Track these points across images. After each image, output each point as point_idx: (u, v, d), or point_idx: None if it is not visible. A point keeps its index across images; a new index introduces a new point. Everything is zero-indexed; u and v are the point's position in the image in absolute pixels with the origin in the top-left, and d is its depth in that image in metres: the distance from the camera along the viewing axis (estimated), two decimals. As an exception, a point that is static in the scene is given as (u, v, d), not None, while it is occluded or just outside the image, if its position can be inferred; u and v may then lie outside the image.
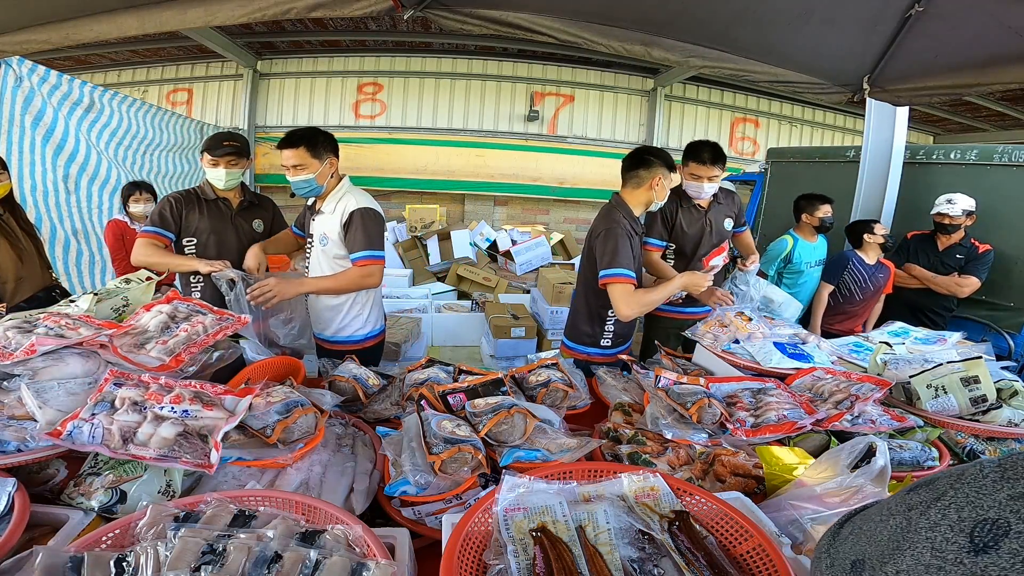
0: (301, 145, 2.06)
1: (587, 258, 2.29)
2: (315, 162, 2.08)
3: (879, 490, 0.99)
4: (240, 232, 2.34)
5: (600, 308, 2.29)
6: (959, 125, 7.85)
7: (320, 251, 2.19)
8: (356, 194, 2.17)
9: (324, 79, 7.01)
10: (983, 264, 3.12)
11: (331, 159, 2.13)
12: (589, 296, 2.30)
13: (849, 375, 1.64)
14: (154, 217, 2.24)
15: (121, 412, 1.05)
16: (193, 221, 2.25)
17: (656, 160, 2.25)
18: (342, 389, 1.55)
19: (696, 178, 2.51)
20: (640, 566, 0.83)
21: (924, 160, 3.75)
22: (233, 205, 2.35)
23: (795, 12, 2.06)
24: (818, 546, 0.60)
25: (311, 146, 2.07)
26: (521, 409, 1.27)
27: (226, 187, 2.29)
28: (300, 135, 2.09)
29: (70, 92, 3.71)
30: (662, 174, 2.22)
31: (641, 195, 2.25)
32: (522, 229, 6.54)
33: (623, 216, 2.21)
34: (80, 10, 1.98)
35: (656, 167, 2.23)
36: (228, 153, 2.22)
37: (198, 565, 0.72)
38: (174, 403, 1.07)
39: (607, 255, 2.10)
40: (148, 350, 1.33)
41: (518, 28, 2.06)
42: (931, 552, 0.41)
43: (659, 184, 2.22)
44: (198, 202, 2.28)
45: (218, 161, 2.22)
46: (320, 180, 2.11)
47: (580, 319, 2.37)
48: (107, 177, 4.09)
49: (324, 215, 2.17)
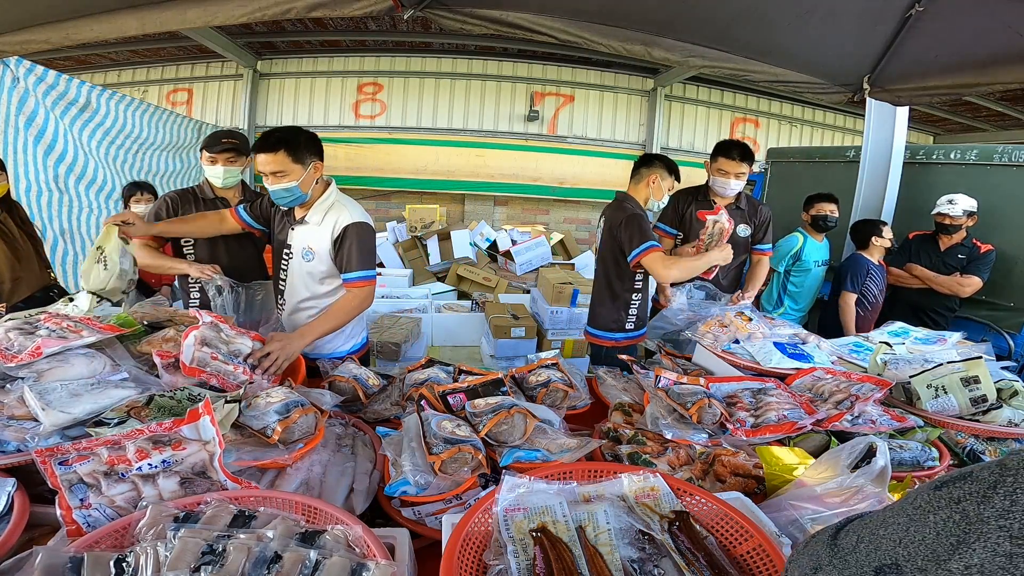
0: (280, 149, 1.79)
1: (608, 248, 2.43)
2: (297, 168, 1.82)
3: (879, 490, 0.99)
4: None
5: (625, 292, 2.44)
6: (959, 125, 7.85)
7: (300, 265, 1.98)
8: (348, 204, 1.96)
9: (324, 79, 7.00)
10: (985, 264, 3.12)
11: (315, 163, 1.87)
12: (613, 283, 2.45)
13: (849, 375, 1.64)
14: (149, 218, 2.19)
15: (106, 487, 0.93)
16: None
17: (657, 161, 2.42)
18: (342, 389, 1.55)
19: (724, 174, 2.61)
20: (640, 566, 0.83)
21: (924, 160, 3.75)
22: (231, 204, 2.30)
23: (795, 12, 2.06)
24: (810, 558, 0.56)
25: (292, 149, 1.80)
26: (521, 409, 1.27)
27: (224, 185, 2.25)
28: (278, 136, 1.82)
29: (66, 92, 3.72)
30: (660, 174, 2.38)
31: (641, 191, 2.41)
32: (522, 229, 6.53)
33: (635, 205, 2.38)
34: (80, 10, 1.98)
35: (655, 167, 2.39)
36: (226, 150, 2.19)
37: (198, 565, 0.72)
38: (141, 459, 0.94)
39: (635, 236, 2.24)
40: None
41: (518, 28, 2.06)
42: (1010, 541, 0.38)
43: (655, 182, 2.38)
44: (195, 202, 2.25)
45: (216, 158, 2.19)
46: (304, 188, 1.86)
47: (604, 308, 2.50)
48: (94, 178, 4.09)
49: (309, 226, 1.94)
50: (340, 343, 2.12)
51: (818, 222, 3.34)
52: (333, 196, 1.98)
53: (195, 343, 1.40)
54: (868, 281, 3.24)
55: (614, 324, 2.48)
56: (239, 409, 1.15)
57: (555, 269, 5.19)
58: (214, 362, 1.37)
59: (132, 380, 1.29)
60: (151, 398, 1.17)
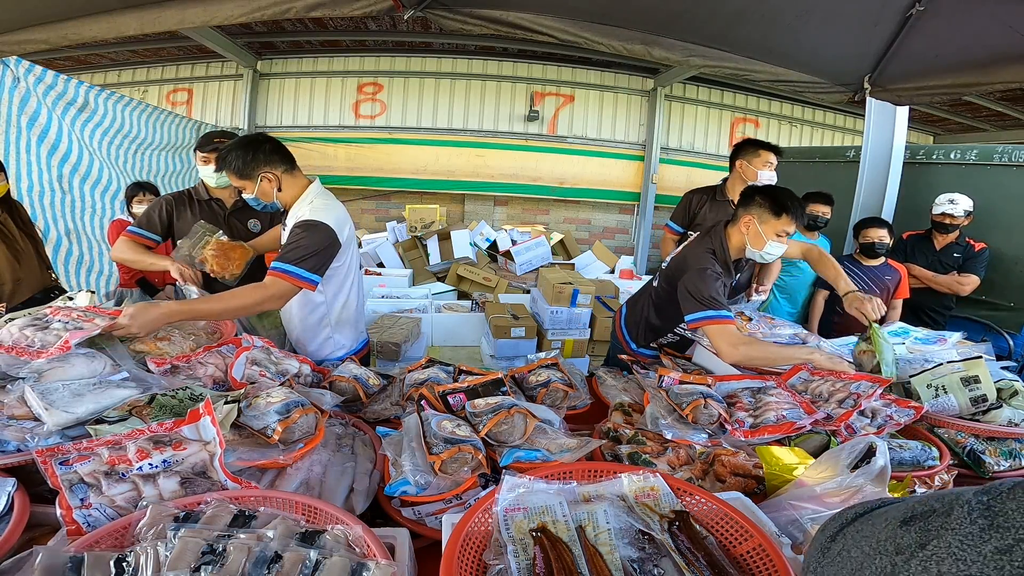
0: (223, 168, 1.83)
1: (667, 286, 2.11)
2: (247, 182, 1.82)
3: (879, 490, 0.99)
4: (235, 232, 2.27)
5: (662, 327, 2.22)
6: (959, 125, 7.85)
7: None
8: (319, 203, 1.87)
9: (324, 79, 7.00)
10: (980, 262, 3.13)
11: (266, 173, 1.82)
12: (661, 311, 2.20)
13: (839, 375, 1.62)
14: (141, 219, 2.20)
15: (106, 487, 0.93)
16: (185, 223, 2.18)
17: (758, 198, 1.90)
18: (342, 389, 1.55)
19: (770, 166, 2.62)
20: (640, 566, 0.83)
21: (924, 160, 3.75)
22: (227, 205, 2.29)
23: (795, 12, 2.06)
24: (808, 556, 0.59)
25: (233, 170, 1.80)
26: (521, 409, 1.27)
27: (218, 185, 2.23)
28: (221, 155, 1.82)
29: (65, 92, 3.71)
30: (759, 216, 1.88)
31: (734, 235, 1.97)
32: (522, 229, 6.53)
33: (714, 256, 1.95)
34: (80, 10, 1.98)
35: (753, 207, 1.90)
36: (218, 150, 2.11)
37: (198, 565, 0.72)
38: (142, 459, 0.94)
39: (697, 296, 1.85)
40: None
41: (518, 28, 2.06)
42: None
43: (750, 227, 1.90)
44: (191, 203, 2.23)
45: (209, 158, 2.17)
46: (264, 197, 1.85)
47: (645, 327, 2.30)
48: (99, 178, 4.09)
49: (287, 229, 1.92)
50: (331, 349, 2.05)
51: (807, 221, 3.39)
52: (311, 196, 1.90)
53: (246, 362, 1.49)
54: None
55: (644, 342, 2.34)
56: (239, 409, 1.15)
57: (555, 269, 5.19)
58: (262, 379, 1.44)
59: (132, 380, 1.29)
60: (153, 397, 1.17)
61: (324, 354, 2.06)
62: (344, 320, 2.06)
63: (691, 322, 1.86)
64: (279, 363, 1.57)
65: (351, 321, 2.10)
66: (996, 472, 1.40)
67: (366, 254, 5.99)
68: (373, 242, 6.19)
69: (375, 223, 7.19)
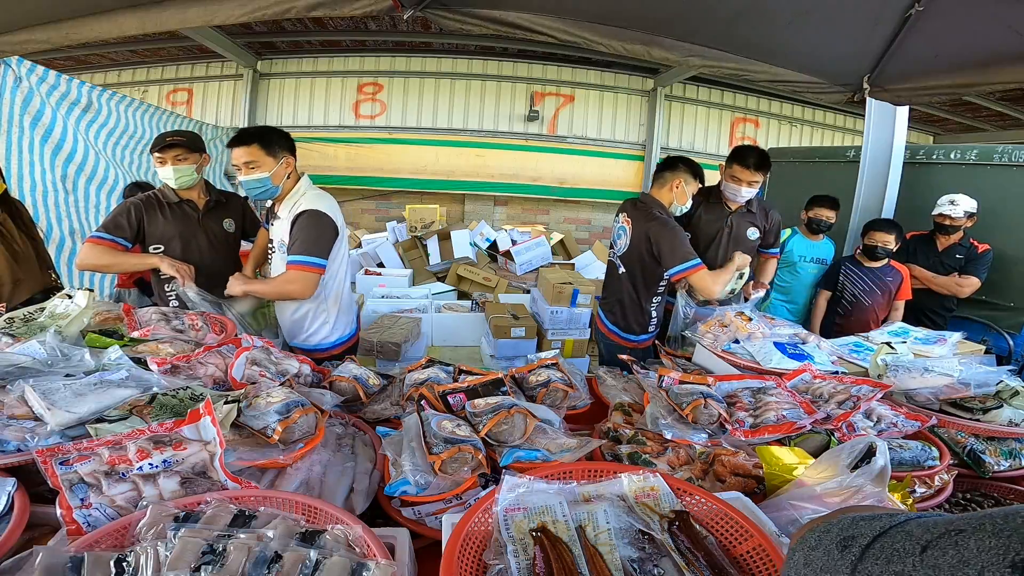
0: (254, 142, 1.95)
1: (638, 254, 2.43)
2: (269, 160, 1.96)
3: (879, 490, 0.99)
4: (209, 234, 2.23)
5: (647, 300, 2.49)
6: (959, 125, 7.84)
7: (280, 259, 2.07)
8: (312, 194, 2.04)
9: (324, 79, 7.00)
10: (983, 264, 3.11)
11: (287, 158, 2.02)
12: (639, 287, 2.48)
13: (841, 378, 1.62)
14: (107, 222, 2.07)
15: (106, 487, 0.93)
16: (157, 227, 2.13)
17: (681, 164, 2.42)
18: (342, 389, 1.55)
19: (736, 180, 2.58)
20: (640, 566, 0.83)
21: (924, 160, 3.75)
22: (199, 206, 2.23)
23: (795, 11, 2.06)
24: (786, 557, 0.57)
25: (265, 143, 1.96)
26: (521, 409, 1.27)
27: (179, 185, 2.14)
28: (252, 132, 1.99)
29: (68, 92, 3.71)
30: (684, 178, 2.38)
31: (665, 195, 2.42)
32: (522, 229, 6.53)
33: (663, 210, 2.38)
34: (80, 10, 1.98)
35: (680, 171, 2.40)
36: (172, 146, 2.08)
37: (198, 565, 0.72)
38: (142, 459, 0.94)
39: (677, 250, 2.25)
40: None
41: (518, 28, 2.06)
42: None
43: (679, 187, 2.38)
44: (160, 206, 2.15)
45: (164, 158, 2.08)
46: (275, 180, 1.99)
47: (630, 309, 2.53)
48: (105, 177, 4.08)
49: (280, 220, 2.05)
50: (324, 334, 2.18)
51: (812, 224, 3.45)
52: (303, 189, 2.06)
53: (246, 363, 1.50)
54: (845, 281, 3.24)
55: (639, 327, 2.53)
56: (239, 409, 1.15)
57: (555, 269, 5.18)
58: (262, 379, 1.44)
59: (133, 380, 1.29)
60: (154, 397, 1.17)
61: (316, 340, 2.15)
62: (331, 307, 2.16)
63: (677, 274, 2.26)
64: (279, 363, 1.57)
65: (343, 308, 2.21)
66: (996, 472, 1.40)
67: (366, 254, 5.99)
68: (373, 242, 6.18)
69: (375, 223, 7.19)
